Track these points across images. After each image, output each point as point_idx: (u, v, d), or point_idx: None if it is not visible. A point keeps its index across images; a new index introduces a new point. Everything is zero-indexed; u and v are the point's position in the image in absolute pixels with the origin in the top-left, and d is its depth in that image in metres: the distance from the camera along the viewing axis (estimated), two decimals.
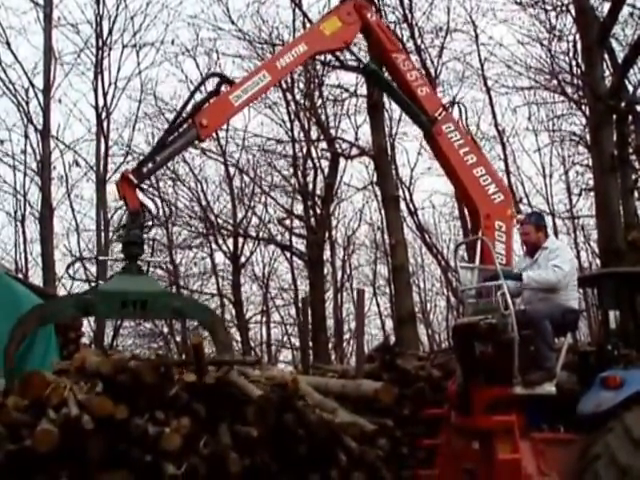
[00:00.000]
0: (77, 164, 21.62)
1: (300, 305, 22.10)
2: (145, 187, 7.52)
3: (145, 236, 7.10)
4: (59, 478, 4.88)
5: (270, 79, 7.92)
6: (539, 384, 6.54)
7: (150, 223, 7.28)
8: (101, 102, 20.68)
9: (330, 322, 24.97)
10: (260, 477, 5.61)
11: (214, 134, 7.17)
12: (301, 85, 21.23)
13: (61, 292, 21.86)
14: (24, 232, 23.64)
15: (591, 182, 18.17)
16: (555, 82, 20.24)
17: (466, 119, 8.84)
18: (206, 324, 7.06)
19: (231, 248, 24.05)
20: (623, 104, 14.71)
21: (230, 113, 7.97)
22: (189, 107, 7.74)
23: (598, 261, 18.31)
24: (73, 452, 4.95)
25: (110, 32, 20.64)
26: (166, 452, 5.05)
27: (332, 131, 21.99)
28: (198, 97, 7.75)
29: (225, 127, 18.17)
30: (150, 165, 7.42)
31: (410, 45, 19.43)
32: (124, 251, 7.05)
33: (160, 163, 7.66)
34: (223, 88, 7.68)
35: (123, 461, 5.05)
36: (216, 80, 7.88)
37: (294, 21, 20.17)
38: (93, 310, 6.60)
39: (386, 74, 9.24)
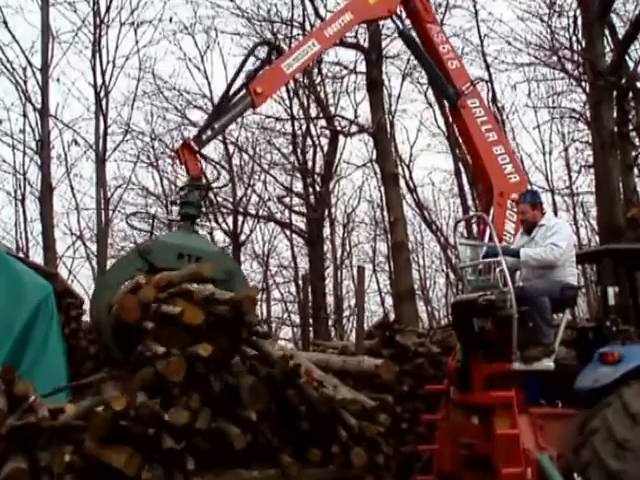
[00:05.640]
0: (76, 143, 21.54)
1: (300, 282, 22.18)
2: (205, 154, 7.82)
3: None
4: (63, 454, 4.93)
5: (319, 47, 8.19)
6: (538, 360, 6.59)
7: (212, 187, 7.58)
8: (99, 80, 20.50)
9: (330, 299, 25.08)
10: (261, 452, 5.67)
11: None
12: None
13: (62, 271, 22.04)
14: (24, 211, 23.70)
15: (591, 159, 18.19)
16: (555, 58, 20.10)
17: (493, 97, 9.09)
18: None
19: (231, 226, 24.06)
20: (623, 80, 14.67)
21: (283, 81, 8.35)
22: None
23: (597, 238, 18.36)
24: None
25: (108, 10, 20.39)
26: (171, 426, 5.10)
27: (331, 108, 21.94)
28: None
29: None
30: (209, 132, 7.71)
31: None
32: (182, 210, 7.32)
33: (218, 130, 7.94)
34: (273, 57, 7.92)
35: (125, 436, 5.10)
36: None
37: None
38: (151, 257, 6.74)
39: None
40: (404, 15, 9.61)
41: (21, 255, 18.88)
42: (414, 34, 9.34)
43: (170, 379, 5.10)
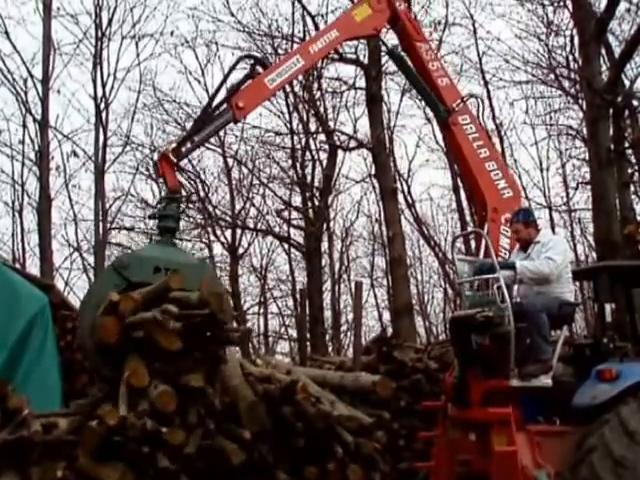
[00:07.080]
0: (75, 154, 21.54)
1: (298, 296, 22.09)
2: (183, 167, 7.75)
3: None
4: (56, 470, 4.88)
5: (303, 63, 8.19)
6: (535, 376, 6.56)
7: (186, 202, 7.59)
8: (100, 93, 20.59)
9: (327, 313, 25.02)
10: (258, 470, 5.63)
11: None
12: (300, 77, 21.20)
13: (58, 283, 21.96)
14: (22, 222, 23.66)
15: (588, 176, 18.20)
16: (552, 76, 20.27)
17: (483, 113, 9.10)
18: None
19: (229, 239, 24.05)
20: (619, 98, 14.73)
21: (265, 95, 8.32)
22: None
23: (594, 254, 18.37)
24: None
25: (109, 23, 20.53)
26: (167, 445, 5.06)
27: (331, 123, 21.95)
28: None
29: None
30: (188, 145, 7.67)
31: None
32: (160, 223, 7.24)
33: (198, 143, 7.90)
34: (257, 70, 7.91)
35: (119, 453, 5.05)
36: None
37: (293, 13, 20.17)
38: (127, 272, 6.62)
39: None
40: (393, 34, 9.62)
41: (18, 266, 18.82)
42: (403, 52, 9.36)
43: (163, 410, 5.06)
